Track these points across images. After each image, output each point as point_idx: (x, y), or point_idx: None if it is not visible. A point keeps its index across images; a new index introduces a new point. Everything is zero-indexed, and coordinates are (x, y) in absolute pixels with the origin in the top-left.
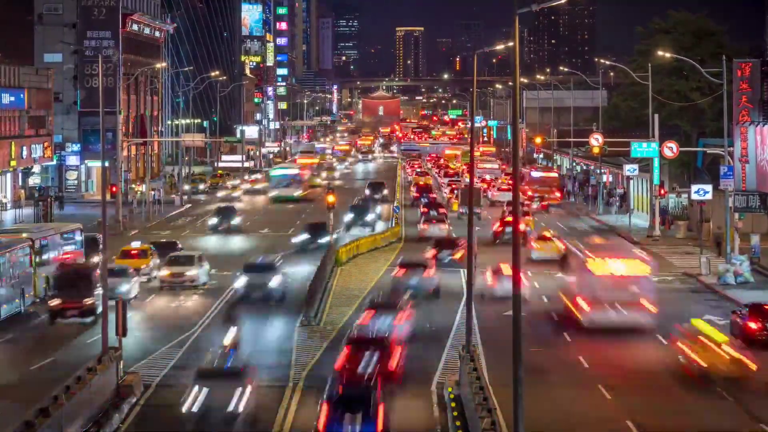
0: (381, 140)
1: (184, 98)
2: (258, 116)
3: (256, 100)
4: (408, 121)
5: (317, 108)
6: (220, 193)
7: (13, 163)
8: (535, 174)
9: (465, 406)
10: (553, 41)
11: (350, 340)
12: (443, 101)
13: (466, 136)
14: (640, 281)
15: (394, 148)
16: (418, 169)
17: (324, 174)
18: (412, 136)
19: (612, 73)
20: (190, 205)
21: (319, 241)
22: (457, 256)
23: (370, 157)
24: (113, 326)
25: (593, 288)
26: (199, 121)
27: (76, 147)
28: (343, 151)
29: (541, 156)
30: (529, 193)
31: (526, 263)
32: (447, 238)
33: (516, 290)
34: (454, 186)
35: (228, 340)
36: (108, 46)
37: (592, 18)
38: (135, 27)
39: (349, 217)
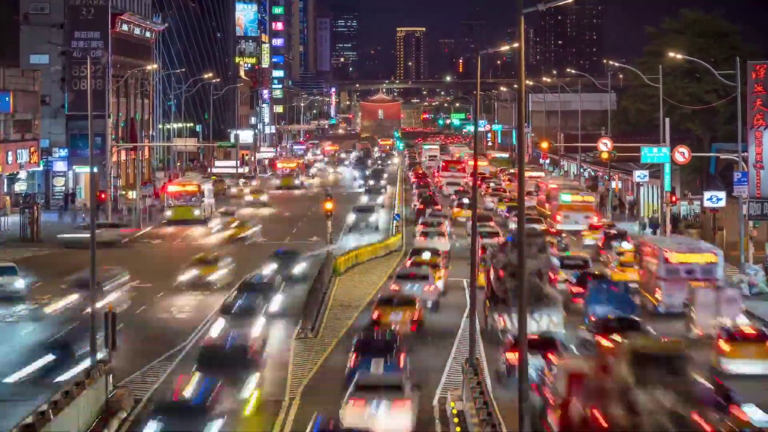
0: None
1: (176, 101)
2: (253, 120)
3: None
4: (406, 129)
5: (315, 111)
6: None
7: None
8: (567, 198)
9: (468, 421)
10: (559, 42)
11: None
12: (445, 104)
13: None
14: None
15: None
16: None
17: None
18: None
19: (621, 75)
20: None
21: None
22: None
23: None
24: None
25: None
26: (192, 125)
27: (64, 152)
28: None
29: (548, 161)
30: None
31: None
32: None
33: (521, 302)
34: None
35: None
36: (97, 47)
37: (600, 18)
38: (125, 27)
39: None
